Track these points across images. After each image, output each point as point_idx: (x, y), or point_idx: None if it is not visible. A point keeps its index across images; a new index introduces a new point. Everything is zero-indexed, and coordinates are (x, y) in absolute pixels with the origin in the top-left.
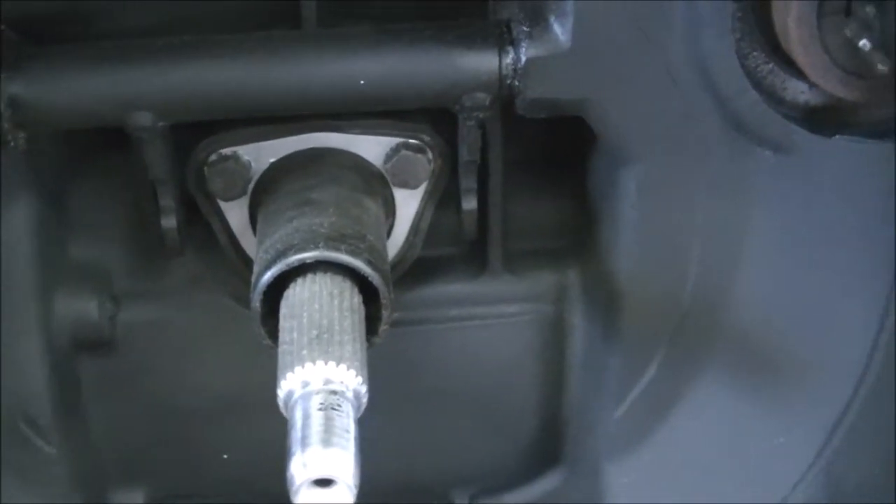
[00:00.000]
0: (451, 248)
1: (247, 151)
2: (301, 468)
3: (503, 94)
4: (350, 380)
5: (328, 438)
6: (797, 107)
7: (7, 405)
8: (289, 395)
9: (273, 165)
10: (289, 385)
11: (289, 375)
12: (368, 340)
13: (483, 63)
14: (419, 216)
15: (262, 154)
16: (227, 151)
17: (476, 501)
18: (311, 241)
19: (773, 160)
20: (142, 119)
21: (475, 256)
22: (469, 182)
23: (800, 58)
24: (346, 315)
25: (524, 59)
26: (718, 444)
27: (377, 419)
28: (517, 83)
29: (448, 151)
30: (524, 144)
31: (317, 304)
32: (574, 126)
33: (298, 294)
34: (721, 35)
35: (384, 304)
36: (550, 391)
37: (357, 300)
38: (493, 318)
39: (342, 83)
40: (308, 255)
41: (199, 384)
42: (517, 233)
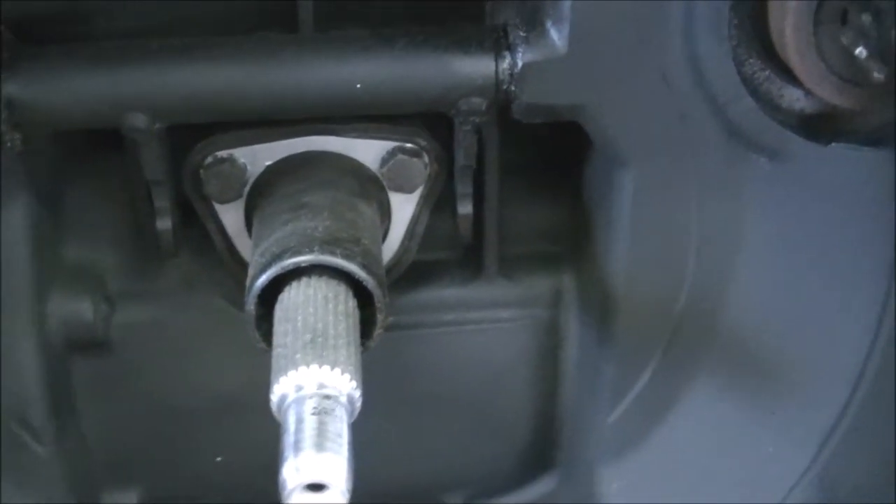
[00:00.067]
0: (447, 253)
1: (243, 154)
2: (294, 472)
3: (499, 99)
4: (344, 384)
5: (321, 443)
6: (793, 114)
7: (0, 406)
8: (282, 399)
9: (269, 168)
10: (282, 389)
11: (282, 379)
12: (363, 344)
13: (479, 67)
14: (415, 220)
15: (258, 157)
16: (224, 154)
17: None
18: (307, 245)
19: (769, 167)
20: (138, 120)
21: (470, 261)
22: (465, 186)
23: (796, 65)
24: (341, 319)
25: (520, 64)
26: (713, 449)
27: (372, 423)
28: (513, 88)
29: (444, 156)
30: (520, 149)
31: (311, 308)
32: (570, 131)
33: (293, 297)
34: (718, 42)
35: (379, 308)
36: (545, 395)
37: (352, 304)
38: (489, 323)
39: (338, 87)
40: (303, 259)
41: (193, 386)
42: (513, 237)
